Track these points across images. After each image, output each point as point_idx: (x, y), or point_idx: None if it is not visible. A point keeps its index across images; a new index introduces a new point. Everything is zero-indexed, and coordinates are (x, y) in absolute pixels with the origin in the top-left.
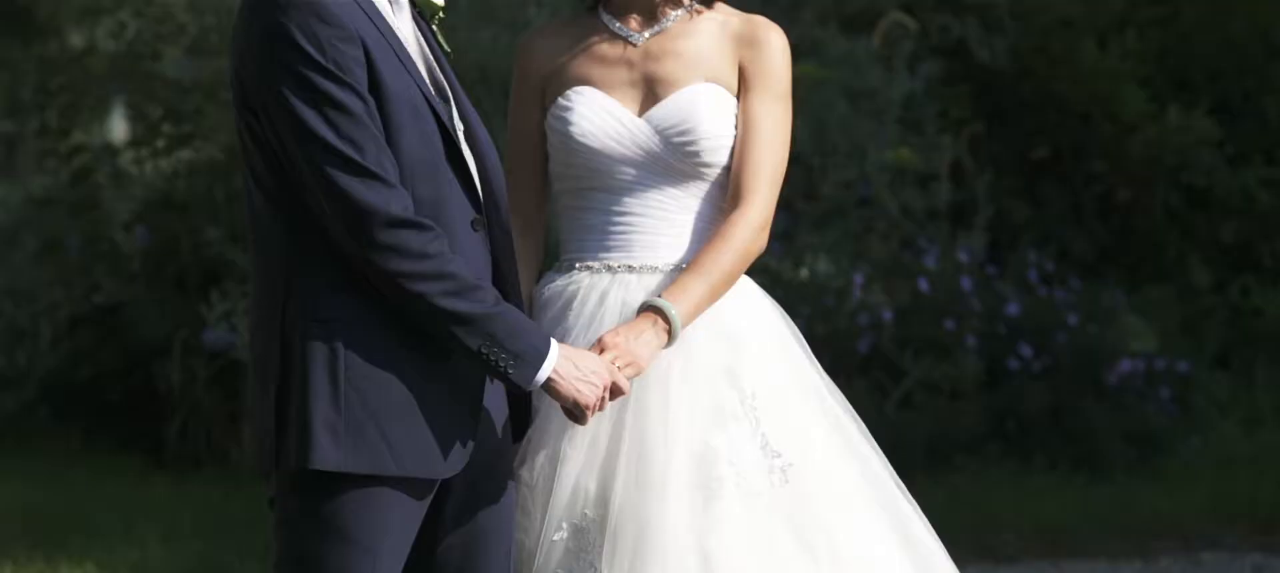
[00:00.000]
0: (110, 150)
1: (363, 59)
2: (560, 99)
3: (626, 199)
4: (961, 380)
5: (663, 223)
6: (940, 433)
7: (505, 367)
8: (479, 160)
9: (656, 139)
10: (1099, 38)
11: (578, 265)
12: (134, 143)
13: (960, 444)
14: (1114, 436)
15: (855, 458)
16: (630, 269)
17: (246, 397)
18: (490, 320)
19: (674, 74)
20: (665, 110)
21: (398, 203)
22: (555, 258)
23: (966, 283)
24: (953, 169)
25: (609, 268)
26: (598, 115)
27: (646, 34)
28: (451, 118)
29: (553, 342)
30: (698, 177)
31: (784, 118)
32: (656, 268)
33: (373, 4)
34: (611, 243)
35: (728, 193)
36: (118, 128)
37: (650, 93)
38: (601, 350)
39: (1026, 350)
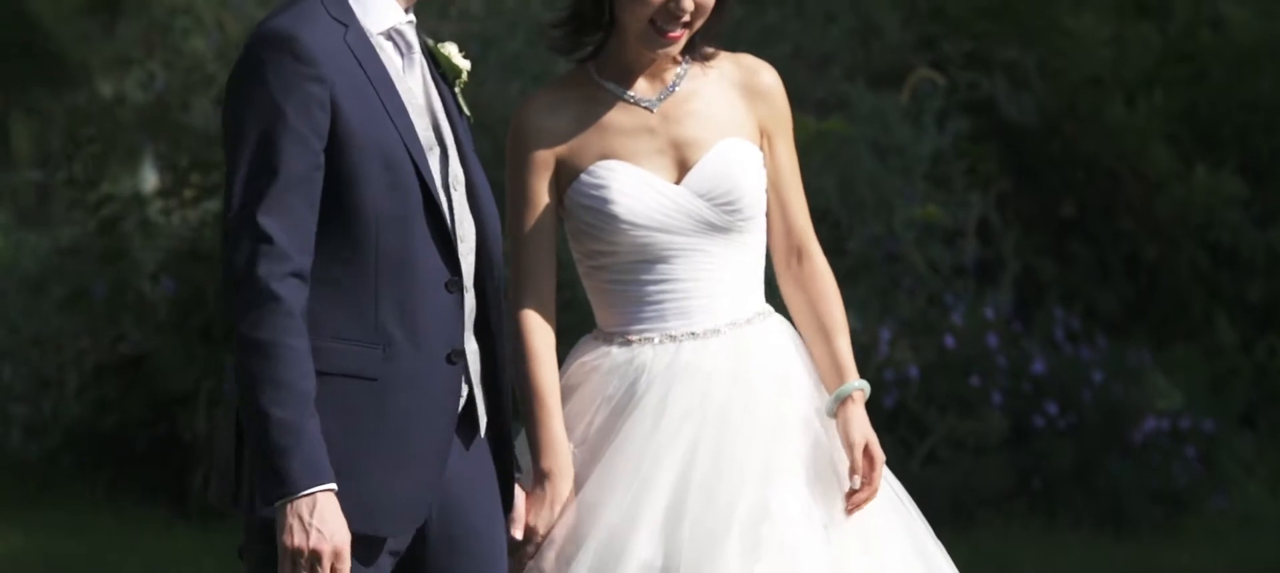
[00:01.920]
0: (138, 200)
1: (328, 104)
2: (585, 176)
3: (675, 266)
4: (987, 437)
5: (713, 283)
6: (965, 489)
7: (257, 472)
8: (478, 220)
9: (700, 204)
10: (1127, 96)
11: (636, 339)
12: (162, 193)
13: (985, 501)
14: (1139, 494)
15: (893, 513)
16: (693, 335)
17: None
18: (282, 429)
19: (699, 135)
20: (702, 174)
21: (278, 268)
22: (572, 328)
23: (992, 340)
24: (980, 226)
25: (671, 337)
26: (638, 190)
27: (659, 98)
28: (446, 176)
29: (325, 487)
30: (738, 231)
31: (794, 151)
32: (718, 330)
33: (373, 52)
34: (668, 312)
35: (778, 240)
36: (147, 178)
37: (680, 158)
38: (864, 458)
39: (1052, 408)
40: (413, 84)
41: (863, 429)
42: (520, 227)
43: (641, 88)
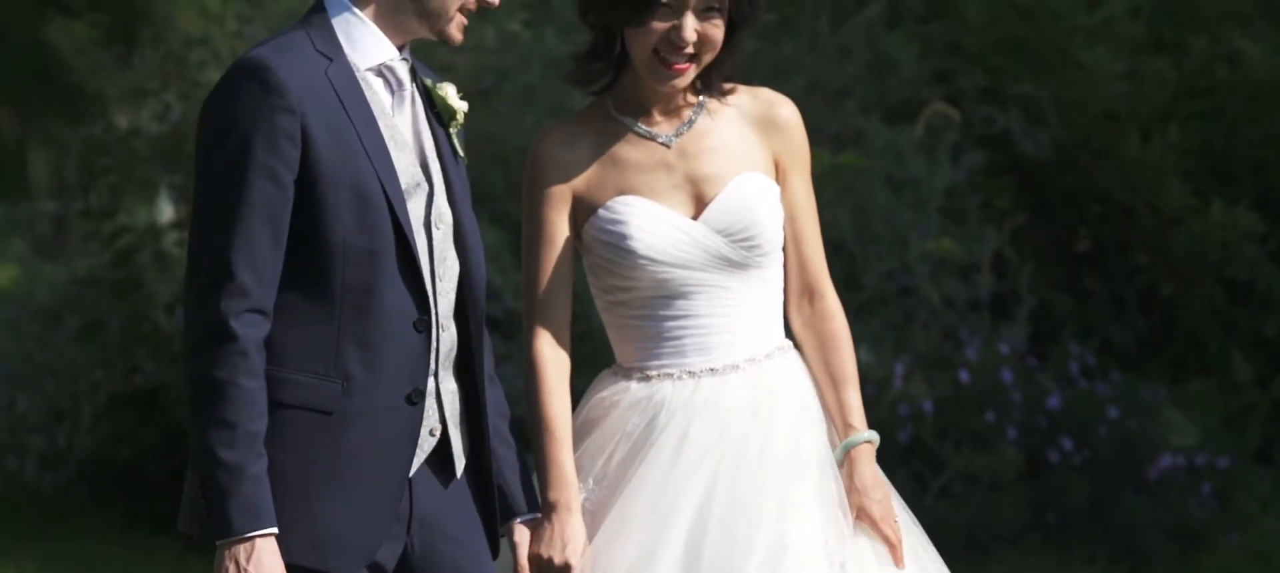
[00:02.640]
0: (154, 231)
1: (298, 136)
2: (603, 211)
3: (694, 302)
4: (1001, 473)
5: (731, 319)
6: (980, 525)
7: (205, 511)
8: (462, 259)
9: (719, 239)
10: (1142, 131)
11: (655, 374)
12: (178, 225)
13: (1000, 536)
14: (1154, 530)
15: (909, 554)
16: (712, 371)
17: None
18: (226, 472)
19: (716, 170)
20: (720, 210)
21: (236, 305)
22: (587, 359)
23: (1007, 375)
24: (995, 260)
25: (691, 373)
26: (657, 226)
27: (676, 133)
28: (428, 215)
29: (264, 531)
30: (757, 266)
31: (812, 188)
32: (737, 365)
33: (357, 88)
34: (687, 348)
35: (792, 277)
36: (163, 209)
37: (697, 193)
38: (861, 514)
39: (1067, 444)
40: (401, 121)
41: (865, 484)
42: (536, 259)
43: (658, 123)
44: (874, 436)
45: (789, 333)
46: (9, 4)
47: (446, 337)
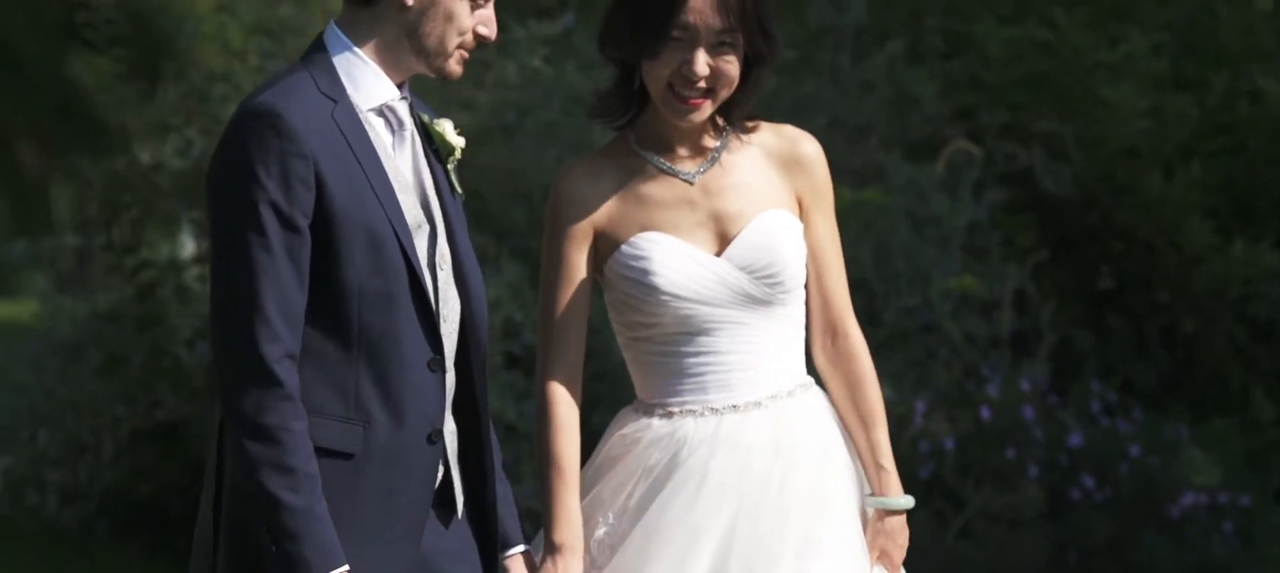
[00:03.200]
0: (175, 266)
1: (312, 181)
2: (626, 247)
3: (717, 338)
4: (1023, 510)
5: (753, 356)
6: (1001, 563)
7: (273, 555)
8: (464, 298)
9: (742, 276)
10: (1164, 168)
11: (677, 411)
12: (200, 259)
13: None
14: (1176, 569)
15: None
16: (734, 408)
17: None
18: (295, 515)
19: (739, 208)
20: (744, 247)
21: (275, 350)
22: (603, 396)
23: (1029, 412)
24: (1016, 297)
25: (713, 409)
26: (680, 262)
27: (699, 169)
28: (432, 255)
29: (341, 569)
30: (779, 303)
31: (835, 224)
32: (759, 402)
33: (362, 129)
34: (709, 385)
35: (815, 314)
36: (185, 244)
37: (721, 230)
38: (882, 556)
39: (1089, 481)
40: (402, 162)
41: (892, 528)
42: (553, 294)
43: (681, 159)
44: (910, 501)
45: (811, 369)
46: (32, 39)
47: (450, 378)
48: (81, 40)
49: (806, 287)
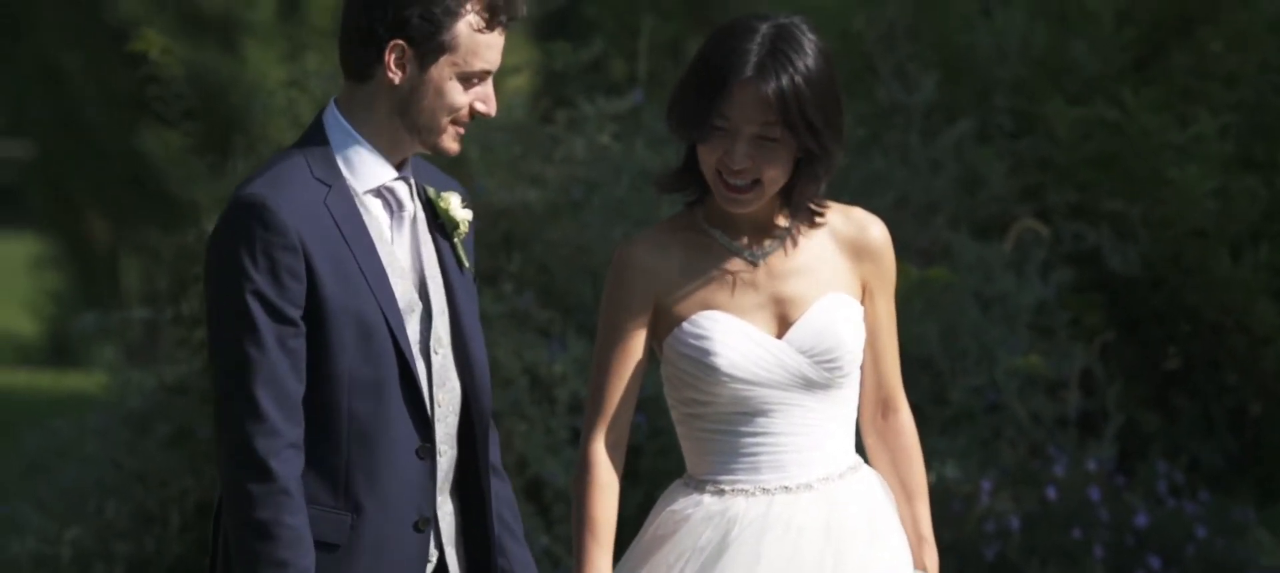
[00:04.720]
0: None
1: (301, 271)
2: (687, 325)
3: (773, 420)
4: None
5: (807, 438)
6: None
7: None
8: (465, 378)
9: (802, 360)
10: (1232, 249)
11: (729, 489)
12: None
13: None
14: None
15: None
16: (786, 490)
17: None
18: None
19: (803, 292)
20: (805, 331)
21: (271, 444)
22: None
23: (1095, 493)
24: (1083, 377)
25: (764, 490)
26: (742, 343)
27: (765, 251)
28: (426, 338)
29: None
30: (836, 386)
31: (893, 304)
32: (810, 484)
33: (356, 213)
34: (762, 465)
35: (868, 390)
36: None
37: (782, 313)
38: None
39: (1155, 562)
40: (399, 245)
41: None
42: (608, 359)
43: (747, 238)
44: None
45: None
46: (103, 113)
47: (444, 461)
48: (152, 114)
49: (862, 365)
